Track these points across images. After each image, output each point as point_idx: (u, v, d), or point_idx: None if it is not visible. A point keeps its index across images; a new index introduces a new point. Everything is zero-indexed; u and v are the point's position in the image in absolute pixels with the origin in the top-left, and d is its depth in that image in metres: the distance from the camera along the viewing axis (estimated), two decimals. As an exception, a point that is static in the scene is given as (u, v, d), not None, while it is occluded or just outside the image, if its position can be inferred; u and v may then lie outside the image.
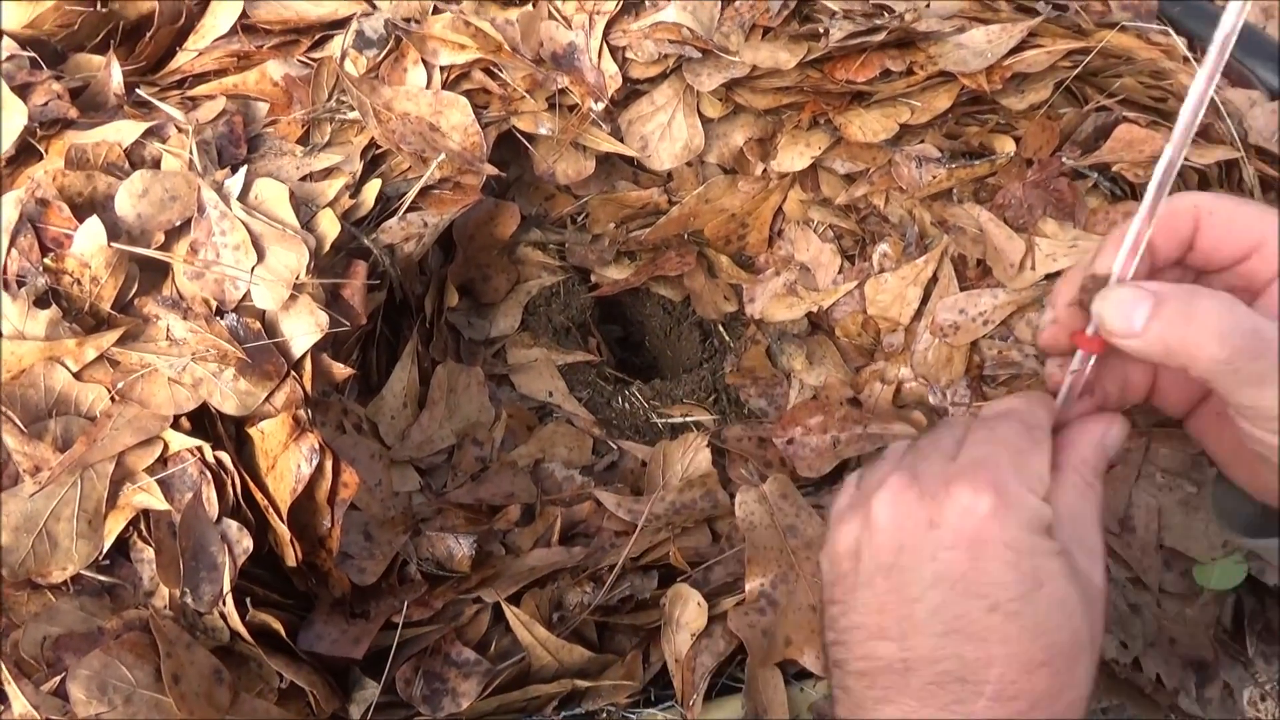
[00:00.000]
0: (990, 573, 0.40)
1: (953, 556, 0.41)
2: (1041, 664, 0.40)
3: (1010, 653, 0.40)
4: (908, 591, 0.42)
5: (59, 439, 0.57)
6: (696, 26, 0.75)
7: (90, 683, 0.51)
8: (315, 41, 0.75)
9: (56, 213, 0.60)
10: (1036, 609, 0.40)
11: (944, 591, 0.41)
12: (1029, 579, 0.40)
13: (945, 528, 0.41)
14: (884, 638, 0.42)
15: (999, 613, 0.40)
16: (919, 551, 0.42)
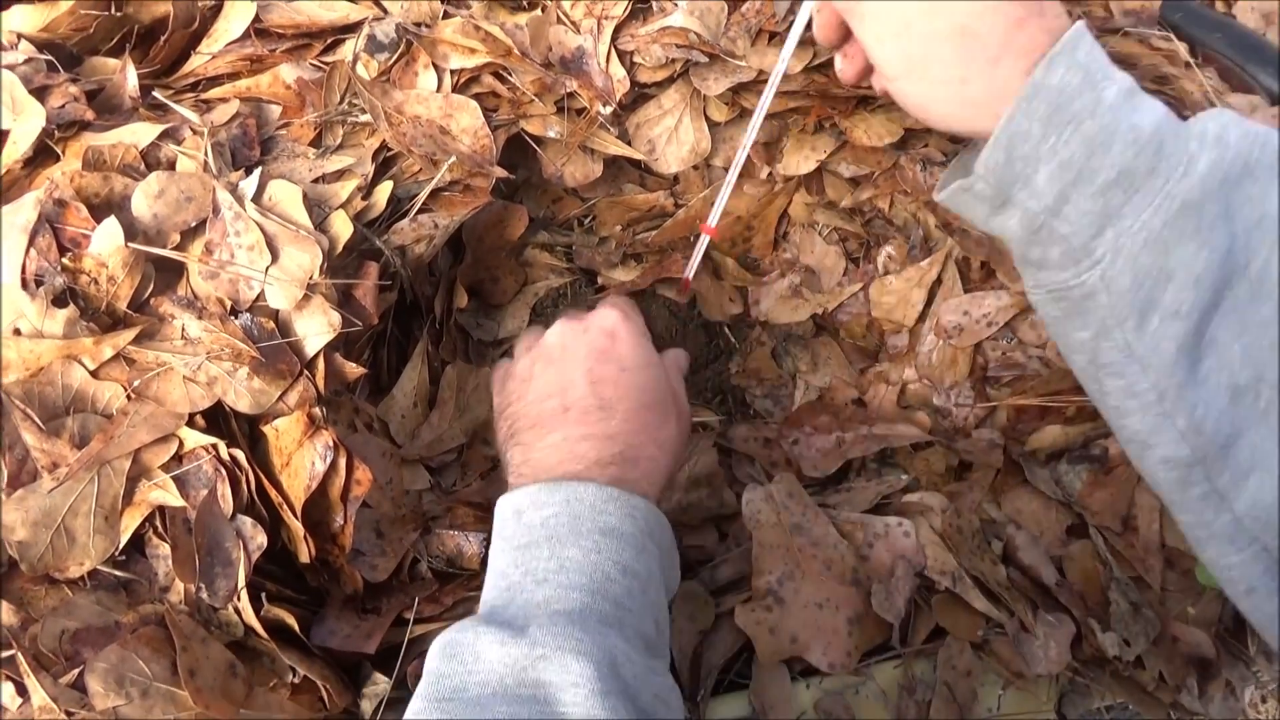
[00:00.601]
0: (621, 348, 0.63)
1: (599, 340, 0.64)
2: (649, 406, 0.62)
3: (631, 394, 0.61)
4: (567, 366, 0.63)
5: (76, 436, 0.58)
6: (703, 31, 0.76)
7: (108, 676, 0.52)
8: (327, 45, 0.76)
9: (74, 213, 0.61)
10: (647, 374, 0.63)
11: (594, 360, 0.62)
12: (643, 357, 0.64)
13: (592, 329, 0.64)
14: (550, 397, 0.61)
15: (626, 372, 0.62)
16: (576, 344, 0.64)
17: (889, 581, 0.64)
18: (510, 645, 0.48)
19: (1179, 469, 0.49)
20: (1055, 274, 0.51)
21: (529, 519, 0.55)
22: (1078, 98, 0.47)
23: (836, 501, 0.70)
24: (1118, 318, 0.49)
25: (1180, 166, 0.47)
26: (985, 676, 0.65)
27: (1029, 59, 0.48)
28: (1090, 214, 0.48)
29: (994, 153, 0.49)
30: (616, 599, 0.53)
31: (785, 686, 0.64)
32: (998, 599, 0.65)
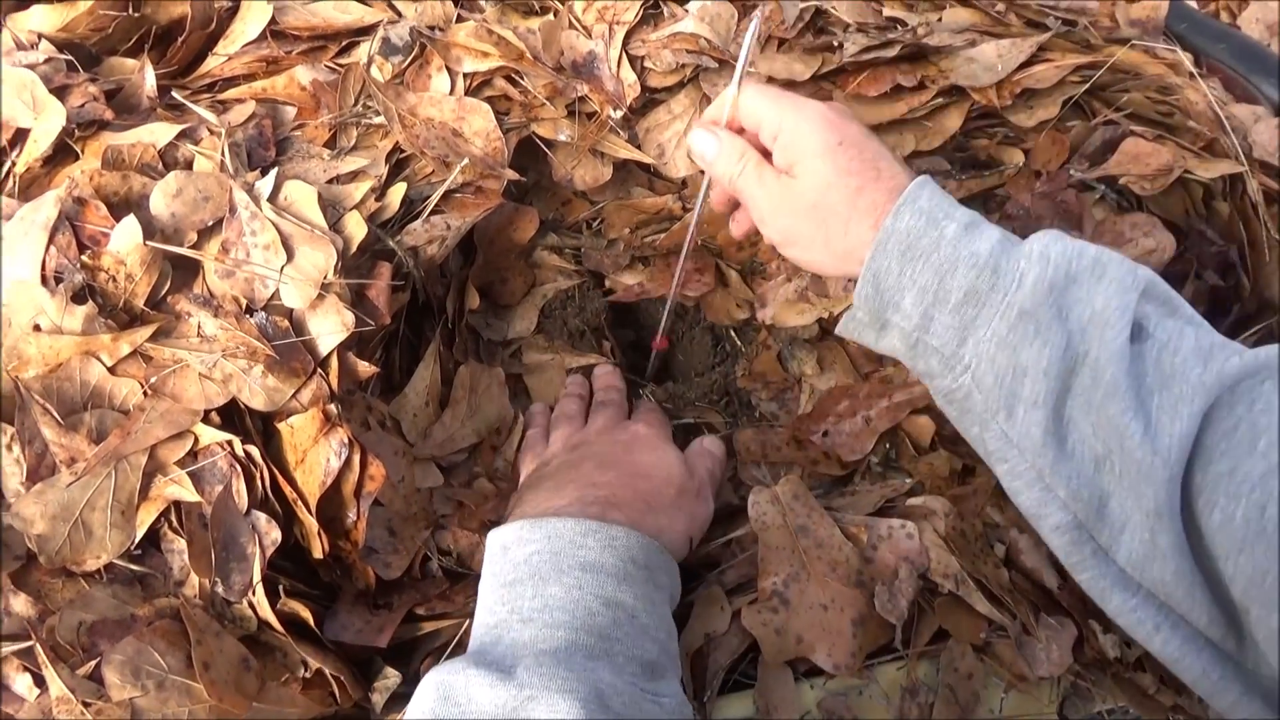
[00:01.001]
0: (639, 444, 0.71)
1: (621, 436, 0.73)
2: (645, 476, 0.68)
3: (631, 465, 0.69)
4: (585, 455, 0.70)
5: (94, 431, 0.59)
6: (713, 37, 0.77)
7: (124, 668, 0.53)
8: (342, 48, 0.77)
9: (94, 211, 0.62)
10: (658, 455, 0.71)
11: (607, 447, 0.71)
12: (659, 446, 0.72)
13: (624, 431, 0.74)
14: (559, 470, 0.67)
15: (632, 453, 0.70)
16: (604, 440, 0.72)
17: (892, 583, 0.65)
18: (499, 688, 0.51)
19: (1069, 532, 0.56)
20: (940, 381, 0.60)
21: (514, 555, 0.59)
22: (923, 236, 0.58)
23: (841, 504, 0.71)
24: (991, 411, 0.58)
25: (1015, 281, 0.56)
26: (987, 679, 0.66)
27: (875, 215, 0.60)
28: (952, 328, 0.58)
29: (863, 287, 0.60)
30: (602, 631, 0.56)
31: (789, 687, 0.65)
32: (1000, 602, 0.65)
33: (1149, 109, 0.78)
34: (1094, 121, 0.79)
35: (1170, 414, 0.52)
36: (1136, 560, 0.54)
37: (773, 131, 0.64)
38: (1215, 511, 0.49)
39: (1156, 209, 0.78)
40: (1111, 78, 0.78)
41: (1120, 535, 0.54)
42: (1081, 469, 0.55)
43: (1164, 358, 0.54)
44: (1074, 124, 0.79)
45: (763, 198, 0.64)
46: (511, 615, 0.56)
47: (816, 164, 0.62)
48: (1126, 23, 0.83)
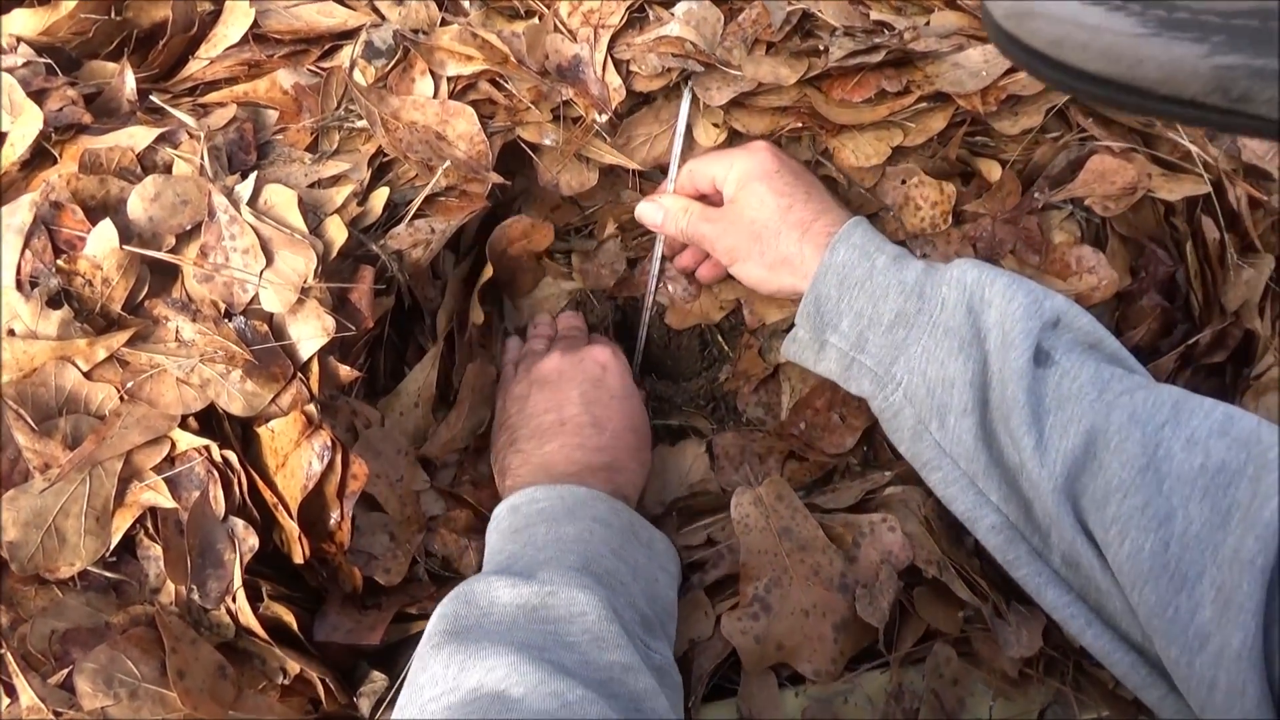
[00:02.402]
0: (611, 379, 0.75)
1: (592, 369, 0.75)
2: (632, 429, 0.73)
3: (619, 418, 0.73)
4: (563, 389, 0.73)
5: (68, 437, 0.59)
6: (699, 41, 0.77)
7: (96, 676, 0.52)
8: (325, 51, 0.76)
9: (70, 215, 0.62)
10: (632, 404, 0.75)
11: (587, 385, 0.74)
12: (629, 389, 0.76)
13: (587, 360, 0.76)
14: (547, 412, 0.72)
15: (615, 399, 0.74)
16: (572, 370, 0.75)
17: (873, 585, 0.64)
18: (521, 586, 0.54)
19: (1003, 532, 0.60)
20: (873, 400, 0.67)
21: (525, 510, 0.62)
22: (857, 267, 0.67)
23: (822, 501, 0.71)
24: (924, 422, 0.64)
25: (939, 304, 0.64)
26: (973, 685, 0.66)
27: (801, 230, 0.70)
28: (885, 347, 0.66)
29: (806, 306, 0.68)
30: (609, 571, 0.59)
31: (773, 694, 0.64)
32: (974, 588, 0.65)
33: (1129, 119, 0.77)
34: (1062, 139, 0.78)
35: (1060, 432, 0.57)
36: (1069, 559, 0.58)
37: (723, 176, 0.74)
38: (1126, 543, 0.52)
39: (1122, 228, 0.78)
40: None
41: (1049, 537, 0.59)
42: (1006, 474, 0.60)
43: (1063, 383, 0.59)
44: (1056, 133, 0.79)
45: (710, 229, 0.75)
46: (526, 547, 0.60)
47: (755, 186, 0.72)
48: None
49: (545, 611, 0.53)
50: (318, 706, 0.59)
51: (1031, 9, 0.24)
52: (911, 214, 0.80)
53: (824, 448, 0.77)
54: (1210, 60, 0.20)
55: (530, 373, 0.76)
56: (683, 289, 0.89)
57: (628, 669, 0.52)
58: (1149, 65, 0.21)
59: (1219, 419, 0.54)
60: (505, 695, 0.48)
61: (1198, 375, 0.76)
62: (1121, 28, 0.22)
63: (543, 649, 0.51)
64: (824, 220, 0.70)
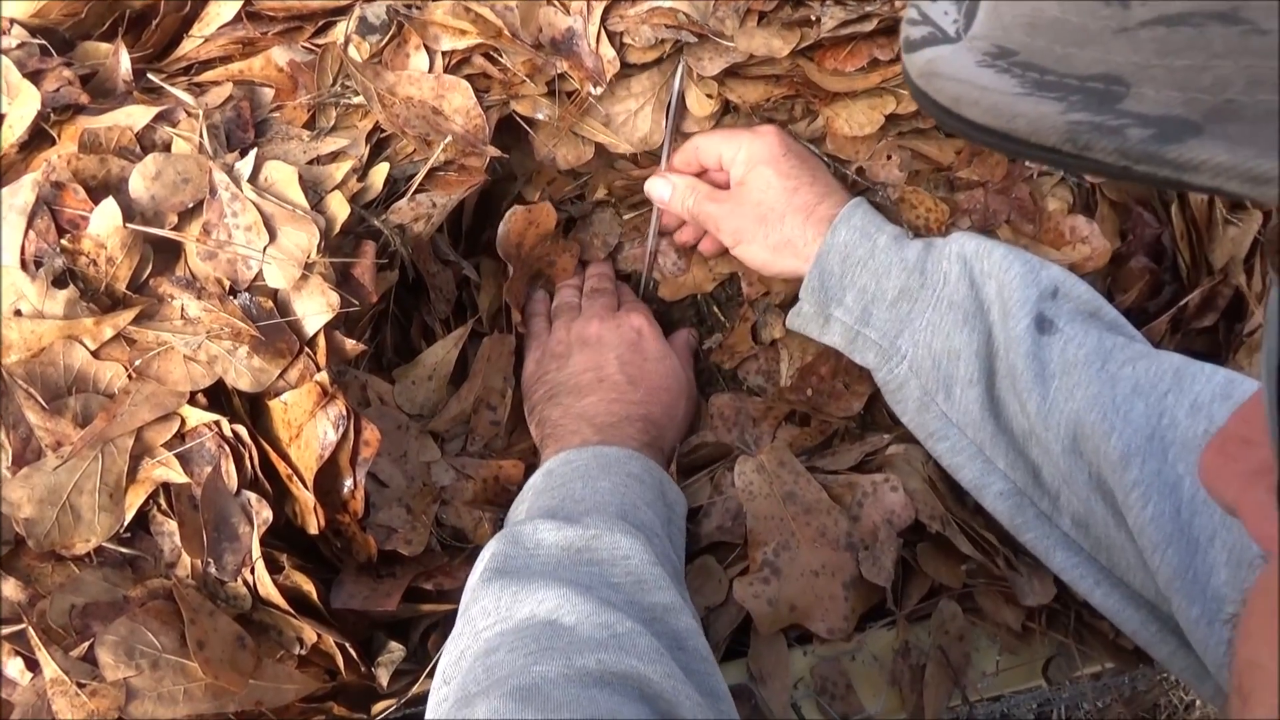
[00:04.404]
0: (646, 344, 0.78)
1: (629, 334, 0.78)
2: (666, 389, 0.76)
3: (654, 377, 0.75)
4: (603, 351, 0.76)
5: (79, 415, 0.59)
6: (692, 12, 0.77)
7: (118, 648, 0.53)
8: (319, 28, 0.76)
9: (72, 195, 0.62)
10: (666, 365, 0.77)
11: (625, 349, 0.76)
12: (663, 352, 0.78)
13: (624, 325, 0.78)
14: (586, 371, 0.74)
15: (649, 362, 0.76)
16: (610, 334, 0.77)
17: (875, 546, 0.65)
18: (566, 529, 0.56)
19: (1011, 498, 0.62)
20: (877, 372, 0.69)
21: (560, 472, 0.64)
22: (859, 247, 0.69)
23: (822, 464, 0.72)
24: (930, 393, 0.66)
25: (941, 279, 0.66)
26: (978, 641, 0.67)
27: (806, 213, 0.72)
28: (889, 321, 0.68)
29: (810, 281, 0.70)
30: (645, 524, 0.60)
31: (783, 654, 0.65)
32: (979, 544, 0.66)
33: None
34: None
35: (1066, 396, 0.58)
36: (1079, 520, 0.59)
37: (731, 156, 0.76)
38: (1149, 506, 0.53)
39: (1111, 192, 0.79)
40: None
41: (1058, 500, 0.60)
42: (1013, 441, 0.62)
43: (1068, 350, 0.60)
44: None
45: (715, 210, 0.76)
46: (564, 501, 0.61)
47: (763, 170, 0.74)
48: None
49: (590, 554, 0.55)
50: (335, 676, 0.59)
51: (937, 70, 0.27)
52: (908, 210, 0.81)
53: (832, 411, 0.77)
54: (1065, 116, 0.23)
55: (570, 332, 0.78)
56: (672, 263, 0.90)
57: (669, 609, 0.54)
58: (1021, 120, 0.24)
59: (1220, 383, 0.55)
60: (558, 623, 0.49)
61: (1188, 337, 0.77)
62: (1004, 88, 0.25)
63: (590, 586, 0.52)
64: (827, 203, 0.72)
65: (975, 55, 0.27)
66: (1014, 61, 0.26)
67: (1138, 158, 0.22)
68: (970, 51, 0.27)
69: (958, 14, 0.29)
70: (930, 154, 0.83)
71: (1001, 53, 0.26)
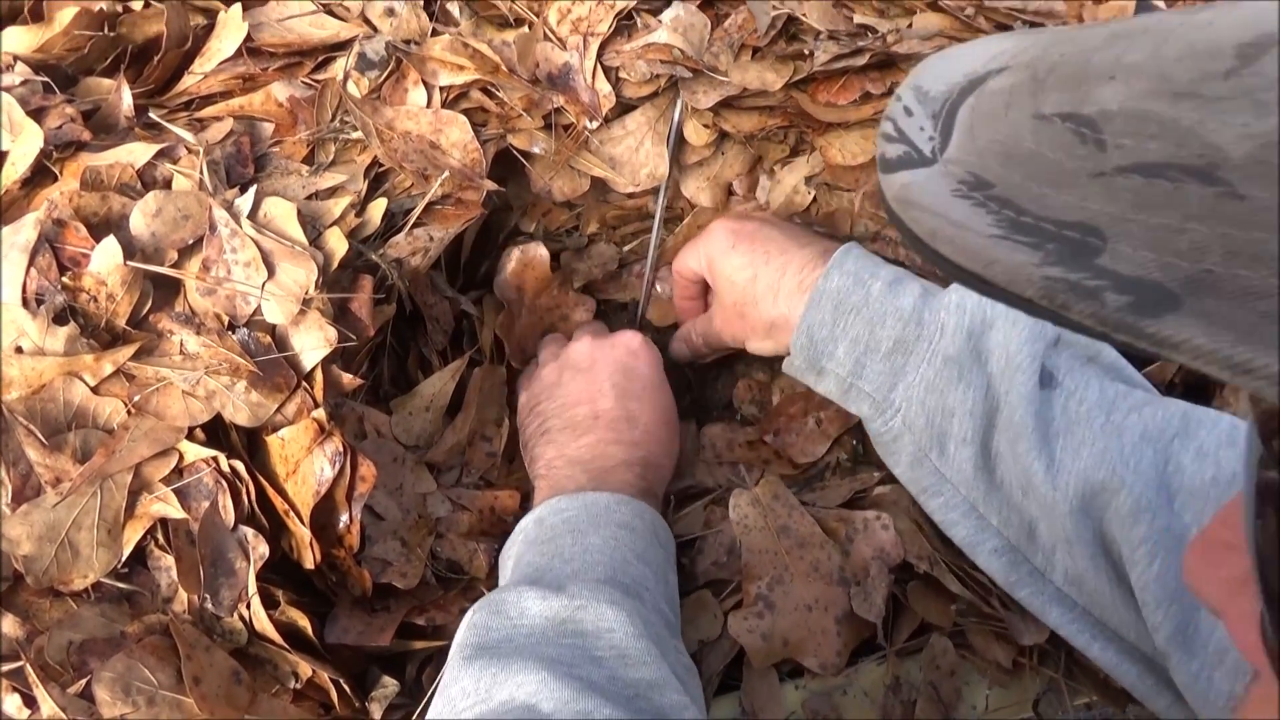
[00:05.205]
0: (643, 367, 0.74)
1: (624, 356, 0.74)
2: (665, 423, 0.73)
3: (651, 410, 0.72)
4: (597, 378, 0.72)
5: (78, 451, 0.59)
6: (687, 47, 0.78)
7: (115, 684, 0.53)
8: (318, 63, 0.77)
9: (73, 232, 0.62)
10: (664, 393, 0.74)
11: (620, 375, 0.73)
12: (661, 378, 0.75)
13: (619, 346, 0.75)
14: (580, 404, 0.71)
15: (648, 390, 0.73)
16: (604, 357, 0.74)
17: (866, 582, 0.66)
18: (551, 599, 0.54)
19: (1004, 555, 0.61)
20: (872, 424, 0.66)
21: (550, 522, 0.63)
22: (852, 294, 0.65)
23: (813, 499, 0.72)
24: (923, 449, 0.63)
25: (938, 330, 0.63)
26: (969, 675, 0.67)
27: (774, 294, 0.69)
28: (883, 374, 0.65)
29: (799, 337, 0.67)
30: (637, 580, 0.59)
31: (775, 688, 0.66)
32: (968, 584, 0.67)
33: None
34: None
35: (1072, 455, 0.57)
36: (1073, 577, 0.58)
37: (698, 266, 0.76)
38: (1155, 563, 0.52)
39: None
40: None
41: (1053, 556, 0.59)
42: (1010, 497, 0.60)
43: (1070, 405, 0.59)
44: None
45: (712, 330, 0.77)
46: (553, 560, 0.60)
47: (723, 271, 0.73)
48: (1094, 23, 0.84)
49: (574, 625, 0.53)
50: (329, 711, 0.60)
51: (912, 197, 0.26)
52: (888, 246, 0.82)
53: (793, 456, 0.78)
54: (1041, 270, 0.22)
55: (560, 358, 0.75)
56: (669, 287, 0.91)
57: (653, 685, 0.52)
58: (997, 267, 0.23)
59: (1226, 429, 0.55)
60: (535, 709, 0.49)
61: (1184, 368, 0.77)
62: (980, 227, 0.24)
63: (571, 665, 0.51)
64: (792, 270, 0.69)
65: (950, 183, 0.26)
66: (990, 195, 0.25)
67: (1115, 326, 0.21)
68: (945, 178, 0.26)
69: (933, 130, 0.28)
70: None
71: (977, 183, 0.25)
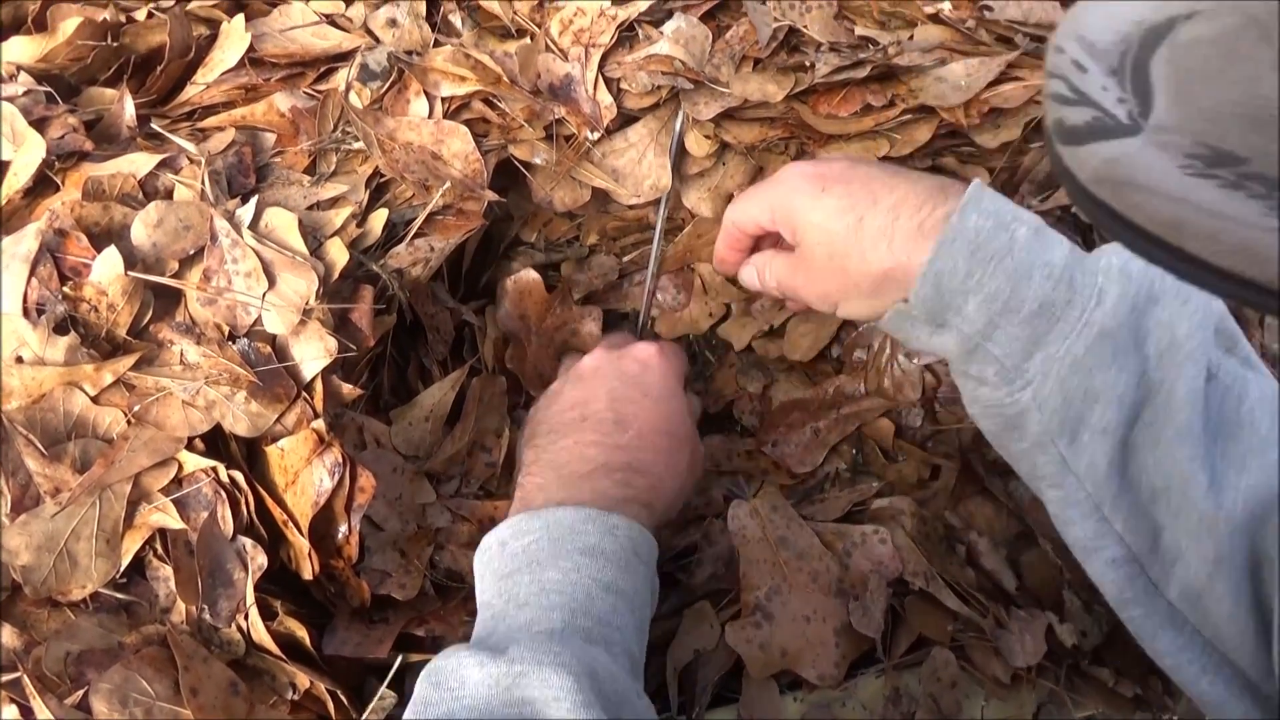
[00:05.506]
0: (649, 378, 0.69)
1: (630, 366, 0.70)
2: (664, 432, 0.67)
3: (648, 417, 0.67)
4: (594, 385, 0.68)
5: (78, 461, 0.60)
6: (688, 59, 0.78)
7: (112, 696, 0.53)
8: (320, 74, 0.77)
9: (75, 242, 0.63)
10: (669, 405, 0.69)
11: (619, 382, 0.68)
12: (669, 390, 0.70)
13: (627, 357, 0.70)
14: (571, 409, 0.67)
15: (648, 398, 0.68)
16: (608, 367, 0.70)
17: (865, 596, 0.66)
18: (490, 665, 0.50)
19: (1123, 567, 0.54)
20: (991, 392, 0.56)
21: (511, 548, 0.59)
22: (993, 239, 0.53)
23: (811, 511, 0.72)
24: (1051, 434, 0.54)
25: (1093, 297, 0.52)
26: (969, 688, 0.67)
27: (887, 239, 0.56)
28: (1019, 339, 0.54)
29: (923, 287, 0.54)
30: (600, 616, 0.55)
31: (774, 700, 0.66)
32: (968, 600, 0.67)
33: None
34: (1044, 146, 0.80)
35: (1237, 467, 0.51)
36: (1190, 594, 0.52)
37: (766, 218, 0.64)
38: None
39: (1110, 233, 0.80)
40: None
41: (1172, 568, 0.53)
42: (1138, 500, 0.53)
43: (1228, 403, 0.52)
44: (1036, 144, 0.80)
45: (794, 281, 0.64)
46: (508, 604, 0.56)
47: (810, 219, 0.60)
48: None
49: (518, 693, 0.49)
50: (331, 719, 0.60)
51: (1127, 176, 0.21)
52: None
53: (791, 466, 0.78)
54: None
55: (569, 371, 0.72)
56: (671, 298, 0.91)
57: None
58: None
59: None
60: None
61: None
62: (1247, 216, 0.19)
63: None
64: (908, 211, 0.56)
65: (1174, 157, 0.20)
66: (1244, 174, 0.19)
67: None
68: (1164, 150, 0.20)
69: (1122, 91, 0.22)
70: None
71: (1216, 157, 0.19)
